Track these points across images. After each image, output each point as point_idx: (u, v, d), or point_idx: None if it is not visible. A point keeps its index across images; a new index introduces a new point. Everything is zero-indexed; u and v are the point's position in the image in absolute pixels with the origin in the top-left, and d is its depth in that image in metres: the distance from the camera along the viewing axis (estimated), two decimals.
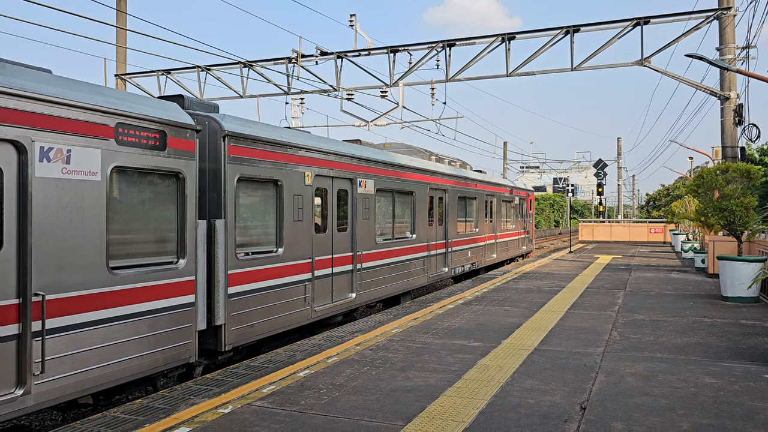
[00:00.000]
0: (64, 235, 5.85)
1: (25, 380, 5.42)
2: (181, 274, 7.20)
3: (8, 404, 5.25)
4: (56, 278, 5.74)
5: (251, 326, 8.55)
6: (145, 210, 6.94)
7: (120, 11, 20.71)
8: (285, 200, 9.34)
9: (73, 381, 5.86)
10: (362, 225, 11.90)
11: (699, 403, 5.84)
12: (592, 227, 40.85)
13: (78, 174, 5.98)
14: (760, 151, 44.38)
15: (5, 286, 5.34)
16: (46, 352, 5.59)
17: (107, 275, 6.26)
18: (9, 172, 5.40)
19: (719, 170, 13.97)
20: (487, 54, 19.32)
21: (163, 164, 6.97)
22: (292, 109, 42.12)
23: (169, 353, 7.02)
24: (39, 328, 5.53)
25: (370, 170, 12.31)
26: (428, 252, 15.36)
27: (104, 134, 6.25)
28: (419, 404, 5.82)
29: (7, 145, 5.38)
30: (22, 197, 5.51)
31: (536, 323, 9.99)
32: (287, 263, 9.40)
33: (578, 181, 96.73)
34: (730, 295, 12.48)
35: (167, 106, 7.24)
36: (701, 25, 17.35)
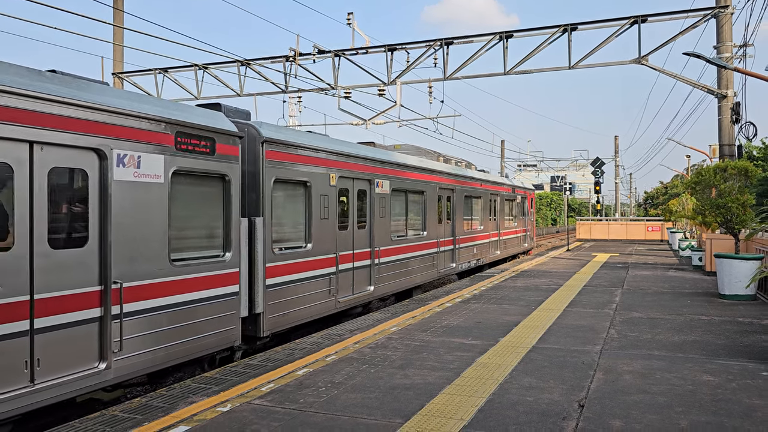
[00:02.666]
0: (136, 230, 6.69)
1: (106, 356, 6.25)
2: (227, 266, 8.07)
3: (94, 376, 6.15)
4: (130, 268, 6.59)
5: (285, 315, 9.41)
6: (197, 208, 7.82)
7: (117, 9, 20.66)
8: (313, 200, 10.23)
9: (143, 359, 6.73)
10: (379, 223, 12.73)
11: (697, 401, 5.86)
12: (589, 225, 40.89)
13: (146, 177, 6.86)
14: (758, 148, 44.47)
15: (90, 275, 6.20)
16: (123, 332, 6.46)
17: (169, 266, 7.12)
18: (93, 176, 6.25)
19: (717, 168, 14.00)
20: (485, 52, 19.33)
21: (212, 168, 7.85)
22: (289, 107, 42.06)
23: (218, 337, 7.89)
24: (117, 312, 6.39)
25: (385, 171, 13.14)
26: (438, 248, 16.15)
27: (166, 142, 7.14)
28: (418, 402, 5.83)
29: (91, 152, 6.22)
30: (103, 198, 6.35)
31: (534, 321, 10.00)
32: (315, 258, 10.28)
33: (576, 179, 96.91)
34: (727, 293, 12.51)
35: (215, 116, 8.11)
36: (699, 23, 17.38)
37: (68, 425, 5.30)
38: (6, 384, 5.37)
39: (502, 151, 56.03)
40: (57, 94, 5.86)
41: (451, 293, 13.51)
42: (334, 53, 20.73)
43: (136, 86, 23.02)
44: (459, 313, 10.86)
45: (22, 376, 5.53)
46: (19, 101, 5.47)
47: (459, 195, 18.05)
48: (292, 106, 41.43)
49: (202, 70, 22.18)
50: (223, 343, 8.03)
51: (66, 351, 5.93)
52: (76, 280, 6.04)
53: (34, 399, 5.57)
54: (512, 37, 19.07)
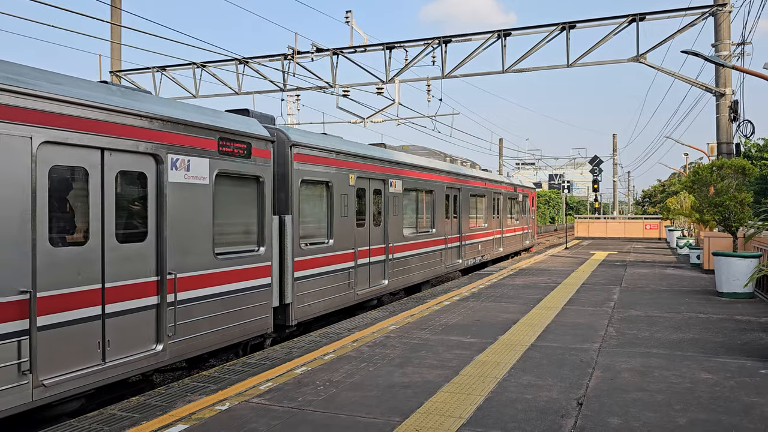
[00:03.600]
0: (186, 226, 7.41)
1: (162, 339, 6.99)
2: (261, 259, 8.82)
3: (153, 357, 6.88)
4: (182, 261, 7.30)
5: (310, 305, 10.16)
6: (235, 207, 8.56)
7: (115, 7, 20.62)
8: (335, 199, 10.98)
9: (192, 343, 7.46)
10: (393, 220, 13.44)
11: (695, 399, 5.86)
12: (587, 224, 40.93)
13: (194, 179, 7.58)
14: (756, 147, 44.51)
15: (149, 267, 6.92)
16: (177, 318, 7.19)
17: (213, 259, 7.86)
18: (151, 178, 6.97)
19: (714, 166, 14.01)
20: (483, 50, 19.32)
21: (248, 170, 8.58)
22: (288, 105, 41.97)
23: (253, 325, 8.64)
24: (172, 300, 7.12)
25: (398, 172, 13.86)
26: (446, 245, 16.87)
27: (211, 147, 7.88)
28: (417, 400, 5.83)
29: (150, 157, 6.95)
30: (159, 197, 7.07)
31: (533, 319, 10.01)
32: (336, 253, 11.02)
33: (574, 177, 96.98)
34: (725, 290, 12.52)
35: (250, 122, 8.85)
36: (697, 21, 17.39)
37: (67, 424, 5.30)
38: (83, 361, 6.11)
39: (500, 150, 56.02)
40: (123, 105, 6.62)
41: (449, 291, 13.51)
42: (333, 51, 20.71)
43: (134, 84, 22.99)
44: (457, 311, 10.86)
45: (96, 355, 6.25)
46: (93, 113, 6.24)
47: (465, 194, 18.71)
48: (290, 105, 41.35)
49: (200, 69, 22.15)
50: (258, 331, 8.79)
51: (130, 334, 6.66)
52: (138, 271, 6.79)
53: (105, 375, 6.32)
54: (510, 35, 19.07)
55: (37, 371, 5.61)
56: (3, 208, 5.38)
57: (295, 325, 9.87)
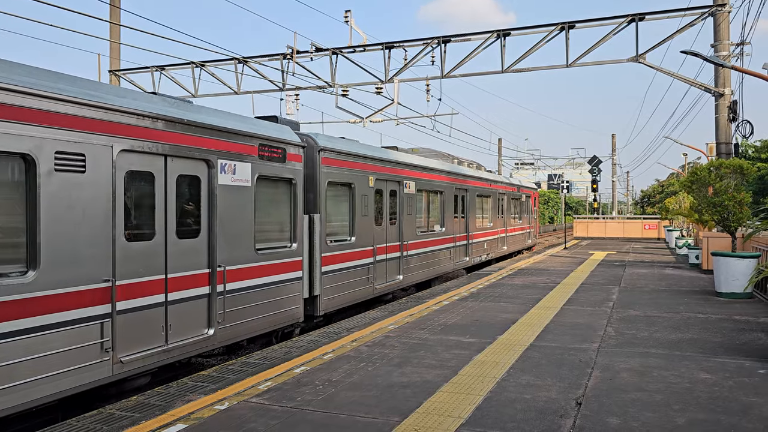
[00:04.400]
0: (233, 224, 8.25)
1: (212, 325, 7.83)
2: (293, 254, 9.72)
3: (205, 341, 7.75)
4: (229, 255, 8.14)
5: (335, 297, 10.99)
6: (272, 206, 9.40)
7: (114, 6, 20.60)
8: (356, 199, 11.83)
9: (237, 329, 8.30)
10: (407, 219, 14.29)
11: (694, 399, 5.87)
12: (586, 224, 40.95)
13: (240, 182, 8.42)
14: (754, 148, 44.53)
15: (201, 260, 7.77)
16: (225, 306, 8.02)
17: (254, 254, 8.72)
18: (203, 182, 7.81)
19: (712, 166, 14.02)
20: (483, 50, 19.32)
21: (283, 173, 9.46)
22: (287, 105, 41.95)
23: (287, 314, 9.52)
24: (221, 290, 7.96)
25: (412, 174, 14.67)
26: (454, 243, 17.75)
27: (253, 152, 8.71)
28: (416, 400, 5.83)
29: (203, 162, 7.79)
30: (210, 198, 7.91)
31: (532, 319, 10.01)
32: (357, 249, 11.89)
33: (573, 177, 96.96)
34: (724, 291, 12.53)
35: (284, 129, 9.75)
36: (696, 21, 17.40)
37: (66, 423, 5.29)
38: (151, 342, 6.94)
39: (500, 149, 56.03)
40: (183, 116, 7.46)
41: (448, 291, 13.51)
42: (332, 51, 20.70)
43: (133, 84, 22.96)
44: (456, 311, 10.86)
45: (160, 337, 7.08)
46: (160, 124, 7.11)
47: (472, 194, 19.58)
48: (289, 104, 41.26)
49: (199, 68, 22.13)
50: (291, 320, 9.67)
51: (187, 319, 7.51)
52: (193, 264, 7.64)
53: (167, 355, 7.16)
54: (510, 35, 19.07)
55: (116, 349, 6.46)
56: (91, 208, 6.24)
57: (322, 315, 10.74)
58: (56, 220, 5.89)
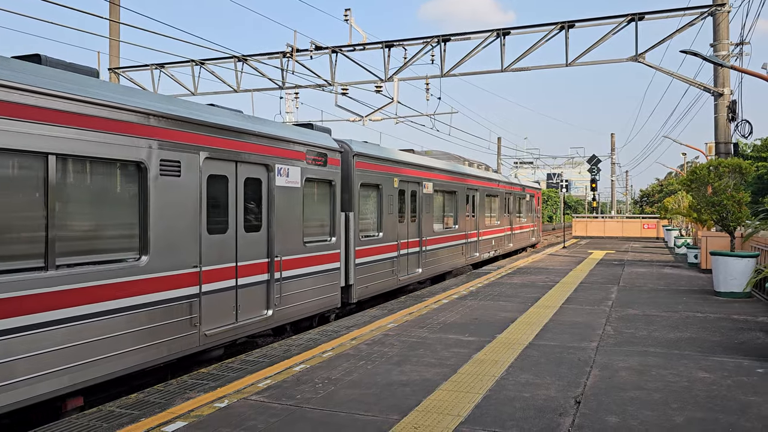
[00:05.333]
0: (286, 220, 9.46)
1: (271, 307, 9.04)
2: (333, 247, 10.97)
3: (265, 320, 8.96)
4: (283, 247, 9.37)
5: (366, 287, 12.25)
6: (316, 205, 10.63)
7: (114, 4, 20.57)
8: (383, 199, 13.07)
9: (289, 311, 9.51)
10: (425, 217, 15.43)
11: (692, 397, 5.88)
12: (585, 223, 40.97)
13: (291, 183, 9.67)
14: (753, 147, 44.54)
15: (262, 251, 8.99)
16: (282, 291, 9.28)
17: (302, 246, 9.96)
18: (264, 183, 9.02)
19: (711, 166, 14.03)
20: (482, 49, 19.33)
21: (325, 175, 10.72)
22: (286, 103, 41.90)
23: (327, 300, 10.75)
24: (278, 277, 9.19)
25: (430, 175, 15.87)
26: (466, 240, 18.98)
27: (302, 158, 9.97)
28: (415, 398, 5.84)
29: (263, 167, 9.01)
30: (269, 198, 9.11)
31: (531, 318, 10.03)
32: (384, 244, 13.13)
33: (572, 176, 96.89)
34: (722, 290, 12.55)
35: (326, 137, 11.05)
36: (695, 21, 17.40)
37: (65, 420, 5.30)
38: (225, 320, 8.15)
39: (499, 148, 56.04)
40: (250, 128, 8.67)
41: (447, 290, 13.52)
42: (331, 49, 20.69)
43: (132, 81, 22.94)
44: (455, 309, 10.88)
45: (231, 316, 8.26)
46: (234, 135, 8.30)
47: (481, 194, 20.79)
48: (288, 103, 41.23)
49: (198, 66, 22.11)
50: (331, 305, 10.92)
51: (251, 301, 8.69)
52: (256, 254, 8.84)
53: (236, 332, 8.37)
54: (509, 34, 19.07)
55: (202, 324, 7.66)
56: (185, 206, 7.44)
57: (355, 302, 11.95)
58: (161, 216, 7.09)
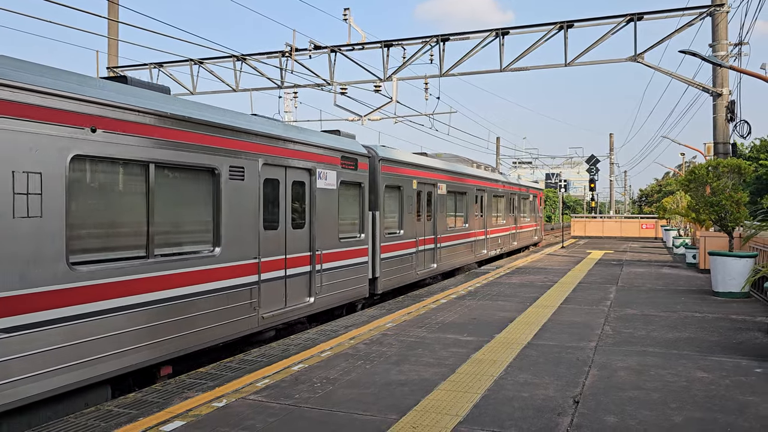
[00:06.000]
0: (324, 219, 10.60)
1: (312, 295, 10.19)
2: (362, 243, 12.16)
3: (308, 306, 10.08)
4: (323, 242, 10.53)
5: (389, 280, 13.38)
6: (348, 205, 11.78)
7: (112, 2, 20.54)
8: (404, 199, 14.22)
9: (327, 299, 10.68)
10: (439, 217, 16.53)
11: (691, 397, 5.88)
12: (584, 223, 40.99)
13: (329, 185, 10.82)
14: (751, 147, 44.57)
15: (305, 245, 10.15)
16: (322, 281, 10.45)
17: (338, 241, 11.12)
18: (307, 186, 10.23)
19: (710, 166, 14.04)
20: (481, 49, 19.33)
21: (355, 179, 11.92)
22: (285, 103, 41.86)
23: (357, 290, 11.94)
24: (319, 269, 10.36)
25: (443, 177, 16.96)
26: (475, 238, 20.10)
27: (337, 162, 11.17)
28: (413, 398, 5.83)
29: (306, 171, 10.21)
30: (311, 198, 10.28)
31: (529, 318, 10.03)
32: (405, 241, 14.28)
33: (570, 176, 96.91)
34: (721, 290, 12.56)
35: (356, 143, 12.26)
36: (694, 21, 17.41)
37: (63, 419, 5.29)
38: (277, 305, 9.32)
39: (498, 148, 56.04)
40: (296, 137, 9.89)
41: (446, 290, 13.52)
42: (330, 49, 20.68)
43: None
44: (454, 309, 10.87)
45: (282, 302, 9.45)
46: (283, 143, 9.47)
47: (489, 195, 21.87)
48: (287, 102, 41.19)
49: (197, 65, 22.09)
50: (360, 295, 12.12)
51: (297, 289, 9.88)
52: (301, 248, 10.01)
53: (286, 316, 9.53)
54: (508, 33, 19.07)
55: (260, 308, 8.78)
56: (248, 206, 8.56)
57: (380, 294, 13.08)
58: (229, 213, 8.20)
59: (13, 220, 5.49)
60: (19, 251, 5.53)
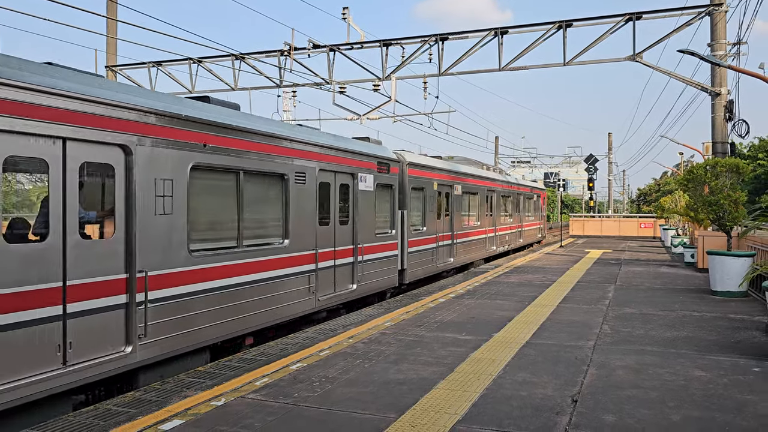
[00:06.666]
0: (364, 216, 12.22)
1: (354, 282, 11.76)
2: (393, 238, 13.80)
3: (351, 292, 11.64)
4: (362, 237, 12.11)
5: (415, 271, 14.89)
6: (381, 204, 13.40)
7: (111, 1, 20.50)
8: (427, 199, 15.84)
9: (366, 287, 12.31)
10: (456, 215, 18.15)
11: (689, 396, 5.90)
12: (582, 222, 41.04)
13: (368, 187, 12.45)
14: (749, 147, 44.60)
15: (349, 239, 11.67)
16: (362, 270, 12.03)
17: (374, 237, 12.74)
18: (351, 188, 11.80)
19: (708, 165, 14.05)
20: (480, 48, 19.31)
21: (388, 181, 13.56)
22: (284, 102, 41.81)
23: (389, 280, 13.57)
24: (360, 260, 11.93)
25: (459, 179, 18.61)
26: (486, 235, 21.75)
27: (373, 167, 12.75)
28: (412, 396, 5.84)
29: (350, 176, 11.73)
30: (354, 198, 11.86)
31: (528, 317, 10.04)
32: (427, 236, 15.87)
33: (569, 175, 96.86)
34: (719, 289, 12.58)
35: (388, 150, 13.93)
36: (693, 21, 17.42)
37: (62, 418, 5.29)
38: (329, 290, 10.89)
39: (496, 148, 56.06)
40: (343, 146, 11.42)
41: (444, 289, 13.53)
42: (329, 48, 20.66)
43: (130, 79, 22.87)
44: (452, 308, 10.88)
45: (332, 287, 10.98)
46: (333, 152, 11.02)
47: (498, 195, 23.58)
48: (286, 101, 41.11)
49: (196, 64, 22.06)
50: (391, 284, 13.71)
51: (343, 277, 11.44)
52: (346, 241, 11.62)
53: (335, 299, 11.09)
54: (507, 33, 19.06)
55: (317, 292, 10.33)
56: (307, 205, 10.12)
57: (407, 284, 14.49)
58: (295, 212, 9.74)
59: (154, 217, 7.05)
60: (158, 241, 7.03)
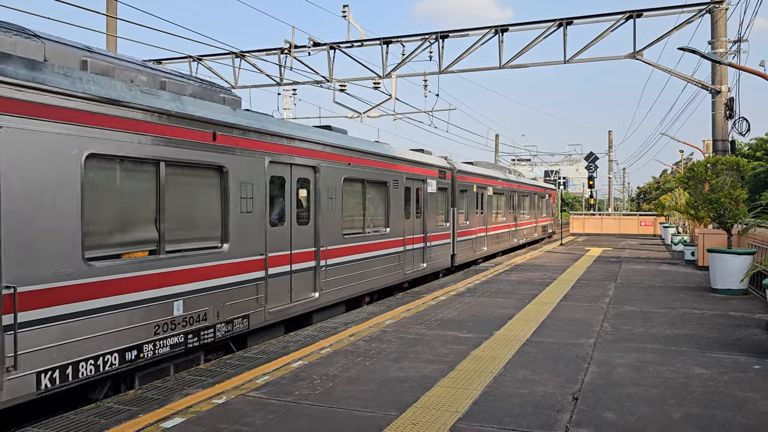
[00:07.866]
0: (430, 212, 15.51)
1: (425, 262, 15.33)
2: (447, 230, 17.19)
3: (422, 270, 15.23)
4: (428, 228, 15.48)
5: (461, 256, 18.32)
6: (441, 202, 16.87)
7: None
8: (468, 199, 19.28)
9: (432, 265, 15.93)
10: (488, 212, 21.80)
11: (689, 393, 5.90)
12: (582, 220, 41.03)
13: (432, 190, 15.77)
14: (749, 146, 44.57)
15: (420, 229, 15.14)
16: (430, 254, 15.84)
17: (436, 228, 16.06)
18: (421, 191, 15.22)
19: (709, 163, 14.05)
20: (480, 46, 19.31)
21: (444, 185, 16.91)
22: (284, 100, 41.76)
23: (444, 261, 16.93)
24: (428, 245, 15.74)
25: (490, 182, 22.24)
26: (509, 229, 25.73)
27: (436, 174, 16.16)
28: (413, 394, 5.85)
29: (421, 181, 15.11)
30: (424, 199, 15.25)
31: (528, 314, 10.04)
32: (469, 229, 19.34)
33: (569, 173, 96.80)
34: (719, 287, 12.58)
35: (443, 160, 17.24)
36: (693, 18, 17.40)
37: (62, 416, 5.29)
38: (408, 266, 14.16)
39: (497, 146, 55.98)
40: (419, 159, 14.99)
41: (445, 286, 13.54)
42: (330, 46, 20.65)
43: None
44: (453, 306, 10.89)
45: (411, 264, 14.23)
46: (417, 164, 14.57)
47: (518, 195, 27.56)
48: (286, 99, 41.03)
49: (196, 62, 22.04)
50: (445, 265, 17.02)
51: (416, 257, 14.84)
52: (418, 231, 14.84)
53: (412, 274, 14.47)
54: (507, 30, 19.05)
55: (403, 267, 13.64)
56: (400, 203, 13.47)
57: (456, 266, 17.90)
58: (393, 207, 13.17)
59: (327, 212, 10.17)
60: (327, 227, 10.16)
